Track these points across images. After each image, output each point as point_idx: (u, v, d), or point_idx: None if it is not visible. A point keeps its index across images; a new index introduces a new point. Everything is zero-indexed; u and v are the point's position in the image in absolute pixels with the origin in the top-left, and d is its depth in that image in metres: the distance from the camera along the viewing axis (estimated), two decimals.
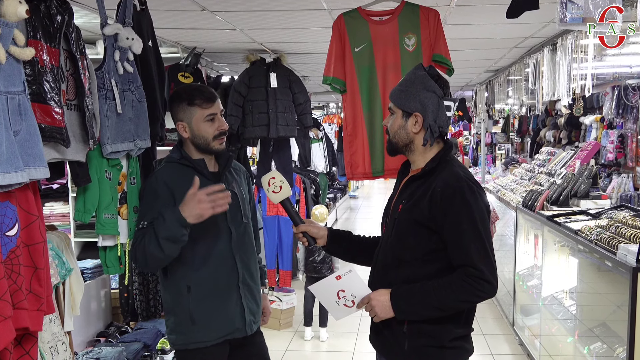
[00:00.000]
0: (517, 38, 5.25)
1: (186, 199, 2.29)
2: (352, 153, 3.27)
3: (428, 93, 2.12)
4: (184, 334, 2.52)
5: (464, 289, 2.02)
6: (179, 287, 2.51)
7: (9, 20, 1.63)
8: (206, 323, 2.51)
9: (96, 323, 4.47)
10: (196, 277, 2.50)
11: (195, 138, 2.50)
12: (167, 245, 2.31)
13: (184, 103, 2.49)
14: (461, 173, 2.11)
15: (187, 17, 4.05)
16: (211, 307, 2.51)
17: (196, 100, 2.48)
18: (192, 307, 2.49)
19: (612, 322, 3.51)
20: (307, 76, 7.83)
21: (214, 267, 2.52)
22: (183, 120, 2.50)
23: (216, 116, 2.51)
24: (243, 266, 2.59)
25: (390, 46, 3.15)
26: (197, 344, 2.51)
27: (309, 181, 7.61)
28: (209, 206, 2.28)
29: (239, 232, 2.59)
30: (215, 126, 2.50)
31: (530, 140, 10.07)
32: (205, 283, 2.51)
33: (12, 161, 1.65)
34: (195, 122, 2.48)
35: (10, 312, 1.67)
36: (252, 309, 2.62)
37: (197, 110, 2.48)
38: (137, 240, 2.39)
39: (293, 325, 5.88)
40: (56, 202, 4.87)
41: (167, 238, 2.30)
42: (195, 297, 2.50)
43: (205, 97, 2.50)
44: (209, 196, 2.28)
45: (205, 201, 2.27)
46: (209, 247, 2.51)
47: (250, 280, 2.63)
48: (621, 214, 3.74)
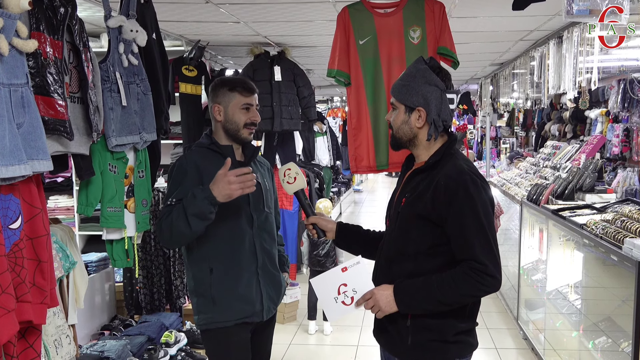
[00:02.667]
0: (523, 31, 5.22)
1: (216, 179, 2.37)
2: (357, 146, 3.26)
3: (430, 87, 2.10)
4: (206, 314, 2.61)
5: (467, 283, 2.01)
6: (202, 268, 2.60)
7: (12, 11, 1.62)
8: (227, 305, 2.59)
9: (100, 316, 4.48)
10: (218, 259, 2.59)
11: (228, 122, 2.60)
12: (194, 221, 2.38)
13: (225, 88, 2.61)
14: (465, 166, 2.09)
15: (191, 9, 4.04)
16: (231, 289, 2.60)
17: (237, 88, 2.60)
18: (214, 288, 2.58)
19: (617, 316, 3.50)
20: (311, 69, 7.81)
21: (235, 251, 2.61)
22: (221, 104, 2.61)
23: (252, 107, 2.63)
24: (263, 252, 2.68)
25: (395, 39, 3.14)
26: (217, 324, 2.60)
27: (313, 175, 7.60)
28: (238, 187, 2.36)
29: (260, 220, 2.68)
30: (249, 115, 2.62)
31: (535, 134, 10.02)
32: (227, 266, 2.60)
33: (15, 154, 1.65)
34: (232, 107, 2.59)
35: (13, 305, 1.66)
36: (271, 295, 2.72)
37: (236, 96, 2.59)
38: (164, 215, 2.46)
39: (297, 318, 5.88)
40: (60, 196, 4.88)
41: (195, 215, 2.37)
42: (216, 279, 2.58)
43: (247, 87, 2.62)
44: (238, 177, 2.36)
45: (235, 182, 2.35)
46: (232, 232, 2.60)
47: (271, 267, 2.72)
48: (627, 208, 3.72)
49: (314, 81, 8.41)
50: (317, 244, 5.31)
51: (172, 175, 2.60)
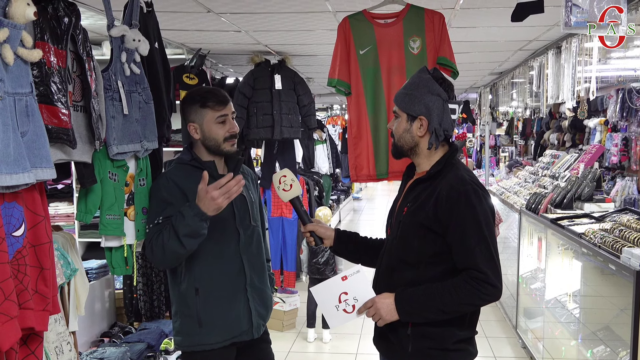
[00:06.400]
0: (522, 41, 5.25)
1: (199, 196, 2.30)
2: (357, 155, 3.28)
3: (433, 96, 2.13)
4: (190, 336, 2.52)
5: (468, 292, 2.02)
6: (187, 288, 2.52)
7: (17, 21, 1.64)
8: (213, 325, 2.51)
9: (100, 323, 4.48)
10: (204, 279, 2.51)
11: (206, 140, 2.51)
12: (188, 241, 2.32)
13: (196, 105, 2.50)
14: (466, 176, 2.11)
15: (193, 18, 4.06)
16: (218, 309, 2.51)
17: (209, 103, 2.49)
18: (200, 309, 2.50)
19: (616, 325, 3.50)
20: (311, 78, 7.84)
21: (222, 269, 2.53)
22: (195, 122, 2.51)
23: (227, 118, 2.52)
24: (251, 268, 2.59)
25: (395, 49, 3.16)
26: (202, 346, 2.51)
27: (313, 182, 7.61)
28: (223, 199, 2.29)
29: (247, 235, 2.59)
30: (226, 128, 2.51)
31: (534, 142, 10.05)
32: (213, 285, 2.51)
33: (19, 162, 1.66)
34: (207, 123, 2.49)
35: (16, 312, 1.67)
36: (261, 312, 2.62)
37: (208, 112, 2.49)
38: (153, 236, 2.40)
39: (296, 326, 5.88)
40: (61, 203, 4.89)
41: (187, 235, 2.31)
42: (202, 299, 2.50)
43: (218, 99, 2.50)
44: (221, 189, 2.28)
45: (219, 195, 2.27)
46: (217, 249, 2.52)
47: (259, 283, 2.63)
48: (625, 217, 3.74)
49: (314, 89, 8.44)
50: (316, 252, 5.32)
51: (152, 194, 2.54)
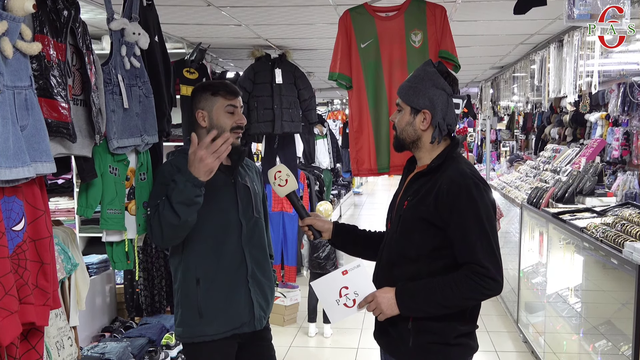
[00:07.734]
0: (524, 35, 5.23)
1: (189, 160, 2.32)
2: (358, 149, 3.26)
3: (437, 90, 2.11)
4: (191, 327, 2.53)
5: (469, 286, 2.01)
6: (188, 279, 2.53)
7: (16, 14, 1.62)
8: (214, 316, 2.51)
9: (101, 318, 4.48)
10: (205, 269, 2.52)
11: (213, 128, 2.51)
12: (181, 209, 2.31)
13: (207, 92, 2.55)
14: (467, 170, 2.10)
15: (193, 12, 4.05)
16: (219, 300, 2.52)
17: (220, 91, 2.53)
18: (201, 299, 2.50)
19: (618, 319, 3.50)
20: (312, 72, 7.82)
21: (223, 260, 2.53)
22: (204, 109, 2.54)
23: (236, 109, 2.56)
24: (252, 260, 2.59)
25: (396, 42, 3.15)
26: (203, 337, 2.52)
27: (313, 177, 7.61)
28: (213, 158, 2.29)
29: (249, 226, 2.60)
30: (235, 119, 2.55)
31: (535, 137, 10.03)
32: (214, 276, 2.52)
33: (19, 156, 1.65)
34: (216, 111, 2.53)
35: (16, 307, 1.67)
36: (262, 304, 2.62)
37: (219, 99, 2.53)
38: (152, 214, 2.41)
39: (297, 321, 5.88)
40: (61, 197, 4.88)
41: (181, 202, 2.30)
42: (203, 290, 2.51)
43: (230, 89, 2.56)
44: (209, 149, 2.29)
45: (208, 156, 2.28)
46: (219, 239, 2.53)
47: (260, 275, 2.63)
48: (627, 212, 3.73)
49: (315, 84, 8.42)
50: (317, 246, 5.31)
51: (155, 180, 2.55)
